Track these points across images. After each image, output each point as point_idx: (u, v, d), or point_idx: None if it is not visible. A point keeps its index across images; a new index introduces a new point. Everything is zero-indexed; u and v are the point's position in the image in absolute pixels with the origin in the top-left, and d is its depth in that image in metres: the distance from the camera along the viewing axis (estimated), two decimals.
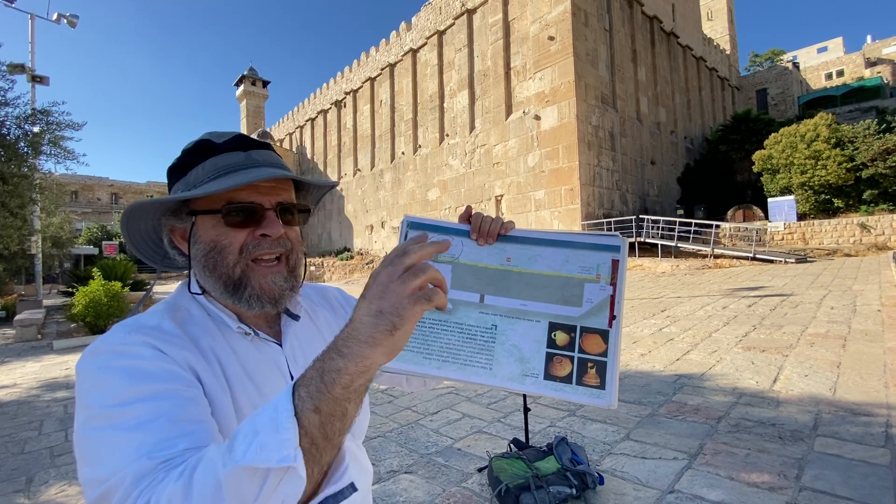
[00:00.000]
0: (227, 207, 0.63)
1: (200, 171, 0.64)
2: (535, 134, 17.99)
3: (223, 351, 0.63)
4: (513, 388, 0.65)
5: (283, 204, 0.66)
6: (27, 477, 2.73)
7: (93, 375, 0.52)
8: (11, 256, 11.80)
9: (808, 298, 7.08)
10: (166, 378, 0.53)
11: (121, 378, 0.51)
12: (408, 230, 0.72)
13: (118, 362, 0.52)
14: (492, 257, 0.70)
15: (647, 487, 2.14)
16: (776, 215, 17.82)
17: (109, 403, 0.49)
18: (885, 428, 2.58)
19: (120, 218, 0.67)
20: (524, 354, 0.65)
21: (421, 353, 0.66)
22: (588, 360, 0.64)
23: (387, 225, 26.56)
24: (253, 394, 0.62)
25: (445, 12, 22.63)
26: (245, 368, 0.63)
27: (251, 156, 0.66)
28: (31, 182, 9.85)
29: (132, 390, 0.50)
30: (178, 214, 0.66)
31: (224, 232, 0.63)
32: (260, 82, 52.14)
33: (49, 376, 5.41)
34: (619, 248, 0.69)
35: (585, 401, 0.63)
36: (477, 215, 0.71)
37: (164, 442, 0.47)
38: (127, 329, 0.58)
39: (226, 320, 0.65)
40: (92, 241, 27.27)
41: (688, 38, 25.79)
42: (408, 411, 3.39)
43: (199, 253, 0.64)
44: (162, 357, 0.55)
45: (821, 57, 46.58)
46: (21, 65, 10.60)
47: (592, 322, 0.66)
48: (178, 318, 0.63)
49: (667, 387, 3.59)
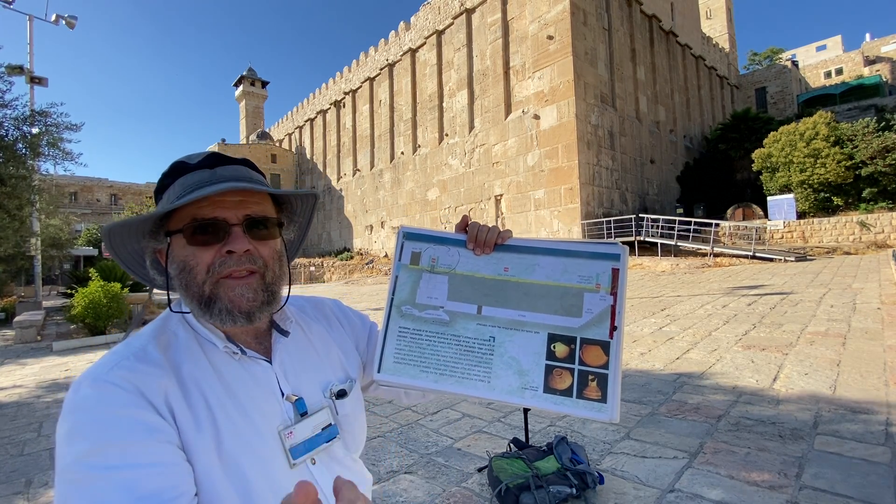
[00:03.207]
0: (189, 226, 0.62)
1: (171, 192, 0.64)
2: (534, 133, 17.99)
3: (206, 377, 0.62)
4: (511, 402, 0.63)
5: (252, 218, 0.64)
6: (26, 479, 2.72)
7: (71, 417, 0.53)
8: (10, 258, 11.79)
9: (808, 297, 7.08)
10: (139, 433, 0.53)
11: (93, 431, 0.51)
12: (404, 242, 0.71)
13: (94, 410, 0.53)
14: (489, 267, 0.69)
15: (647, 486, 2.14)
16: (776, 214, 17.83)
17: (80, 460, 0.50)
18: (885, 426, 2.58)
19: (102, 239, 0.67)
20: (523, 367, 0.64)
21: (418, 366, 0.65)
22: (589, 373, 0.62)
23: (386, 225, 26.56)
24: (238, 419, 0.61)
25: (444, 12, 22.62)
26: (230, 391, 0.62)
27: (216, 172, 0.64)
28: (29, 184, 9.83)
29: (101, 452, 0.50)
30: (156, 236, 0.66)
31: (191, 251, 0.62)
32: (259, 83, 52.14)
33: (49, 378, 5.40)
34: (618, 257, 0.67)
35: (586, 415, 0.61)
36: (473, 225, 0.69)
37: None
38: (113, 359, 0.58)
39: (213, 340, 0.65)
40: (91, 243, 27.23)
41: (687, 36, 25.79)
42: (407, 411, 3.39)
43: (174, 272, 0.63)
44: (138, 403, 0.54)
45: (820, 55, 46.61)
46: (20, 66, 10.59)
47: (593, 333, 0.64)
48: (162, 342, 0.63)
49: (667, 386, 3.59)
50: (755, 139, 21.35)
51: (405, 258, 0.71)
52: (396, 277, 0.70)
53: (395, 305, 0.69)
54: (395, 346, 0.67)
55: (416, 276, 0.70)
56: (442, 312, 0.68)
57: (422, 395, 0.83)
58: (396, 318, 0.69)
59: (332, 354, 0.77)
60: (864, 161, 16.76)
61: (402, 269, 0.71)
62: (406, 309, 0.68)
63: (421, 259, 0.70)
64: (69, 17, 14.19)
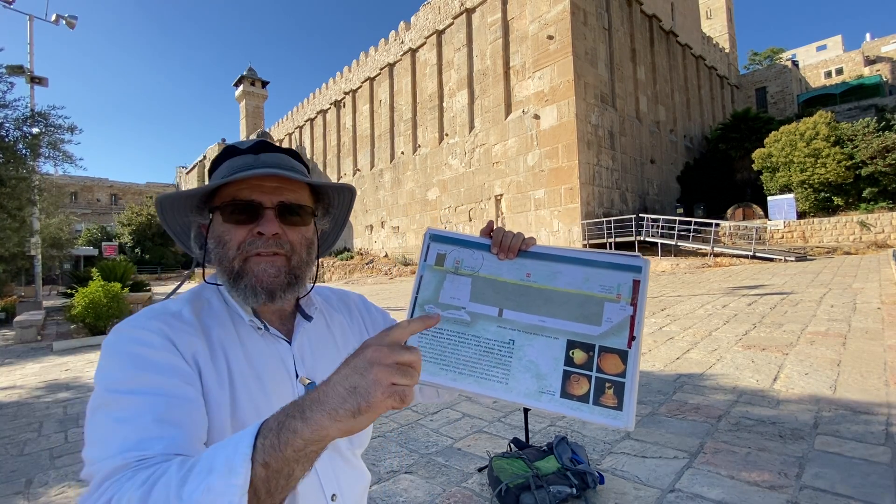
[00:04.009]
0: (228, 204, 0.67)
1: (219, 172, 0.70)
2: (534, 133, 17.98)
3: (232, 343, 0.66)
4: (528, 405, 0.64)
5: (285, 204, 0.68)
6: (27, 479, 2.72)
7: (107, 355, 0.58)
8: (11, 258, 11.80)
9: (809, 297, 7.08)
10: (167, 371, 0.57)
11: (126, 363, 0.56)
12: (430, 243, 0.73)
13: (129, 347, 0.58)
14: (512, 272, 0.70)
15: (647, 486, 2.14)
16: (776, 214, 17.81)
17: (111, 388, 0.55)
18: (886, 426, 2.58)
19: (156, 210, 0.74)
20: (541, 371, 0.64)
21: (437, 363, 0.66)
22: (606, 380, 0.63)
23: (386, 225, 26.55)
24: (253, 387, 0.65)
25: (444, 12, 22.61)
26: (250, 361, 0.66)
27: (260, 158, 0.69)
28: (29, 184, 9.84)
29: (132, 380, 0.55)
30: (202, 211, 0.71)
31: (227, 228, 0.67)
32: (259, 83, 52.11)
33: (49, 378, 5.40)
34: (640, 269, 0.68)
35: (602, 421, 0.62)
36: (498, 230, 0.71)
37: (143, 442, 0.51)
38: (150, 314, 0.63)
39: (240, 312, 0.69)
40: (91, 243, 27.25)
41: (687, 36, 25.78)
42: (408, 411, 3.39)
43: (212, 246, 0.69)
44: (170, 349, 0.59)
45: (820, 55, 46.59)
46: (20, 66, 10.60)
47: (611, 342, 0.65)
48: (197, 307, 0.68)
49: (667, 386, 3.59)
50: (755, 139, 21.34)
51: (430, 259, 0.73)
52: (421, 277, 0.72)
53: (418, 304, 0.71)
54: (417, 342, 0.68)
55: (440, 277, 0.71)
56: (464, 313, 0.69)
57: (436, 395, 0.84)
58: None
59: (349, 346, 0.79)
60: (864, 161, 16.75)
61: (426, 269, 0.72)
62: (429, 308, 0.70)
63: (446, 261, 0.72)
64: (69, 17, 14.20)
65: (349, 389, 0.42)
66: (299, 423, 0.41)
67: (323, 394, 0.42)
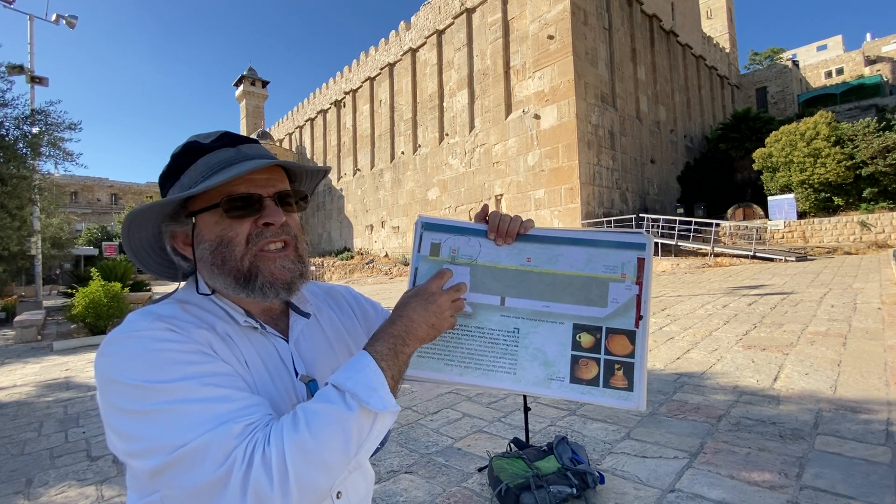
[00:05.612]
0: (227, 200, 0.63)
1: (193, 172, 0.65)
2: (534, 133, 17.97)
3: (239, 337, 0.65)
4: (538, 393, 0.63)
5: (281, 192, 0.67)
6: (27, 478, 2.72)
7: (133, 355, 0.54)
8: (11, 257, 11.80)
9: (809, 297, 7.07)
10: (204, 357, 0.56)
11: (165, 358, 0.54)
12: (422, 232, 0.70)
13: (155, 345, 0.54)
14: (511, 258, 0.67)
15: (647, 486, 2.14)
16: (776, 214, 17.80)
17: (166, 379, 0.52)
18: (886, 426, 2.58)
19: (121, 228, 0.67)
20: (549, 358, 0.63)
21: (441, 359, 0.65)
22: (615, 362, 0.62)
23: (387, 224, 26.54)
24: (265, 376, 0.64)
25: (444, 12, 22.60)
26: (259, 355, 0.65)
27: (241, 150, 0.66)
28: (29, 183, 9.84)
29: (184, 368, 0.53)
30: (178, 218, 0.66)
31: (228, 225, 0.64)
32: (259, 82, 52.08)
33: (49, 377, 5.40)
34: (644, 246, 0.66)
35: (613, 403, 0.61)
36: (494, 214, 0.68)
37: (243, 409, 0.53)
38: (147, 318, 0.59)
39: (234, 315, 0.66)
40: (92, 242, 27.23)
41: (687, 36, 25.76)
42: (408, 411, 3.39)
43: (206, 252, 0.64)
44: (188, 340, 0.57)
45: (820, 55, 46.55)
46: (20, 66, 10.59)
47: (618, 323, 0.64)
48: (188, 309, 0.64)
49: (667, 385, 3.59)
50: (756, 139, 21.32)
51: (424, 249, 0.70)
52: (416, 269, 0.69)
53: None
54: None
55: (436, 268, 0.68)
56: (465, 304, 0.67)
57: (435, 386, 0.85)
58: None
59: (342, 342, 0.78)
60: (864, 161, 16.74)
61: (421, 260, 0.69)
62: None
63: (441, 250, 0.69)
64: (69, 17, 14.19)
65: (430, 326, 0.62)
66: (408, 347, 0.61)
67: (413, 328, 0.62)
